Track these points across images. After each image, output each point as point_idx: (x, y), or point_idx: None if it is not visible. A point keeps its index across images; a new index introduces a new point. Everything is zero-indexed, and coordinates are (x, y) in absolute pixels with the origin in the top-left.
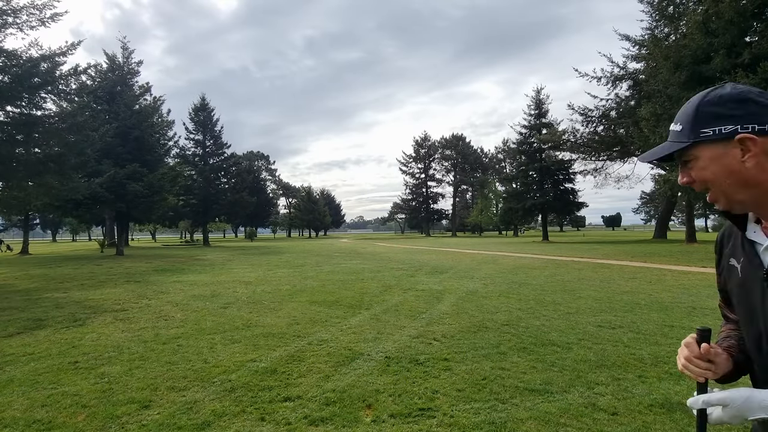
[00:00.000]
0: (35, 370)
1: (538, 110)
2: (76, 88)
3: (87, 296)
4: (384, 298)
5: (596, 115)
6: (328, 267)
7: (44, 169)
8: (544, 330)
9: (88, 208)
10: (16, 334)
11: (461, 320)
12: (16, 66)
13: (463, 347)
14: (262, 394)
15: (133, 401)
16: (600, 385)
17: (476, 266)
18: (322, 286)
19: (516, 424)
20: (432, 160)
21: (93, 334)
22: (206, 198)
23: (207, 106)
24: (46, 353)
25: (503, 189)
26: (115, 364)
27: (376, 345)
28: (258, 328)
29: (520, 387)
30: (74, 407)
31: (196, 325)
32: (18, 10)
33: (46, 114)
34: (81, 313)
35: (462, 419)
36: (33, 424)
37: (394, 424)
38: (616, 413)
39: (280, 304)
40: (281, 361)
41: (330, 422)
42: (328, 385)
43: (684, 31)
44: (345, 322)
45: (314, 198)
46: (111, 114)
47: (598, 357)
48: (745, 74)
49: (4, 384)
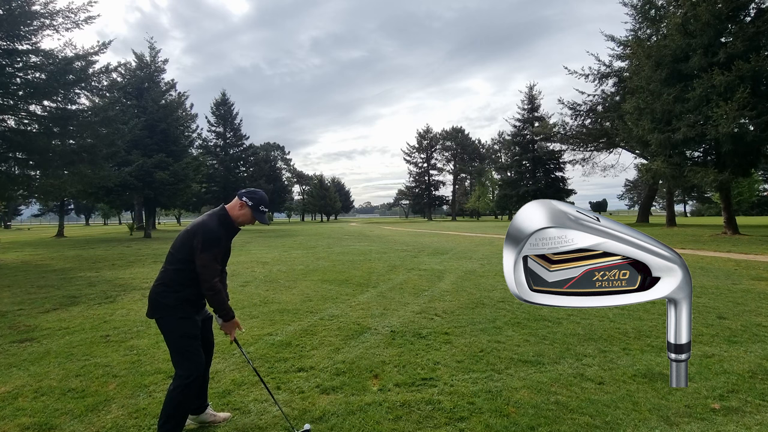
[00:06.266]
0: (70, 343)
1: (531, 105)
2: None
3: (117, 275)
4: (389, 277)
5: (584, 109)
6: (339, 248)
7: (78, 159)
8: (536, 306)
9: (118, 195)
10: (52, 309)
11: (460, 297)
12: (53, 64)
13: (462, 322)
14: (278, 365)
15: (159, 372)
16: (587, 356)
17: (474, 248)
18: (333, 265)
19: (511, 393)
20: (434, 151)
21: (123, 310)
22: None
23: (227, 101)
24: (79, 327)
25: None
26: (143, 338)
27: (383, 320)
28: (274, 304)
29: (515, 358)
30: (106, 377)
31: None
32: (55, 13)
33: (79, 108)
34: (112, 291)
35: (461, 388)
36: (68, 393)
37: (399, 393)
38: (603, 383)
39: (295, 283)
40: (295, 334)
41: (340, 391)
42: (338, 357)
43: (665, 32)
44: (354, 299)
45: (325, 185)
46: (139, 108)
47: (585, 331)
48: (720, 72)
49: (41, 356)
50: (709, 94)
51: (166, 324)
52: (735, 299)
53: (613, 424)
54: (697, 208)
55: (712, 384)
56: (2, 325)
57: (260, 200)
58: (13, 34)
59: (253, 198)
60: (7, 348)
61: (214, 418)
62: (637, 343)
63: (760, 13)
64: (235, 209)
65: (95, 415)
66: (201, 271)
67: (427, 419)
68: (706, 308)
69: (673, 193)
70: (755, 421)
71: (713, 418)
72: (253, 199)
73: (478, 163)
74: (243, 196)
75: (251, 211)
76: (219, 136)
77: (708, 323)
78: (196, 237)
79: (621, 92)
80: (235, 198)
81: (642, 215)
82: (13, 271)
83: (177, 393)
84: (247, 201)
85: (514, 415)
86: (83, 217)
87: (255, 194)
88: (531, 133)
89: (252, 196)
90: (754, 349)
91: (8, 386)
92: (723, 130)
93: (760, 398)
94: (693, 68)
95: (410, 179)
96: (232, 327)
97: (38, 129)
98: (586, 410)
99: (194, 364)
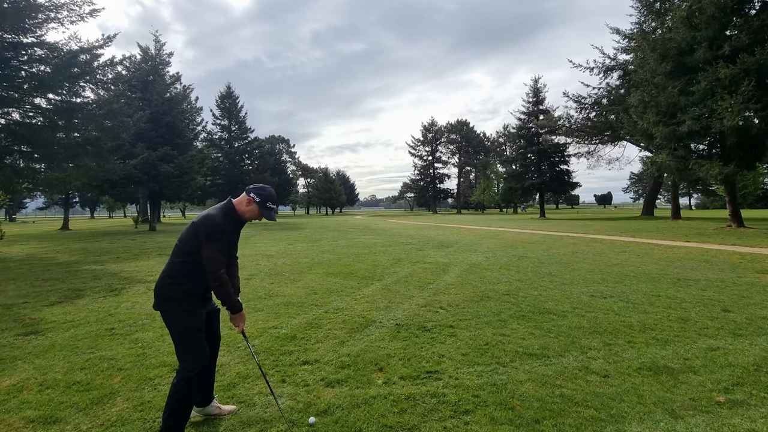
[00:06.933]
0: (75, 336)
1: (536, 98)
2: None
3: (122, 268)
4: (394, 270)
5: (589, 102)
6: (344, 241)
7: (83, 152)
8: (541, 299)
9: (123, 188)
10: (57, 303)
11: (465, 290)
12: (57, 57)
13: (467, 315)
14: (283, 358)
15: (164, 365)
16: (592, 349)
17: (479, 241)
18: (338, 258)
19: (516, 386)
20: (438, 144)
21: (128, 303)
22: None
23: (232, 94)
24: (84, 320)
25: (504, 170)
26: (147, 331)
27: (387, 313)
28: (279, 297)
29: (520, 351)
30: (111, 370)
31: None
32: (59, 6)
33: (84, 101)
34: (117, 284)
35: (466, 381)
36: (73, 386)
37: (404, 386)
38: (608, 375)
39: (299, 276)
40: (300, 327)
41: (345, 384)
42: (343, 350)
43: (670, 25)
44: (359, 292)
45: (330, 178)
46: (144, 101)
47: (590, 324)
48: (725, 65)
49: (46, 349)
50: (714, 87)
51: (170, 316)
52: (740, 292)
53: (618, 417)
54: (702, 201)
55: (717, 377)
56: (7, 318)
57: (268, 197)
58: (18, 27)
59: (261, 194)
60: (12, 341)
61: (219, 410)
62: (642, 336)
63: (765, 6)
64: (243, 204)
65: (100, 408)
66: (206, 263)
67: (432, 412)
68: (711, 301)
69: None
70: (760, 414)
71: (718, 411)
72: (261, 196)
73: (483, 156)
74: (251, 191)
75: (258, 207)
76: (224, 129)
77: (713, 316)
78: (201, 229)
79: (626, 85)
80: (243, 193)
81: (647, 208)
82: (18, 264)
83: (181, 386)
84: (254, 197)
85: (519, 408)
86: (88, 210)
87: (263, 191)
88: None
89: (260, 192)
90: (759, 341)
91: (13, 379)
92: (728, 123)
93: (765, 391)
94: (698, 61)
95: (415, 172)
96: (239, 320)
97: (43, 122)
98: (591, 403)
99: (198, 357)
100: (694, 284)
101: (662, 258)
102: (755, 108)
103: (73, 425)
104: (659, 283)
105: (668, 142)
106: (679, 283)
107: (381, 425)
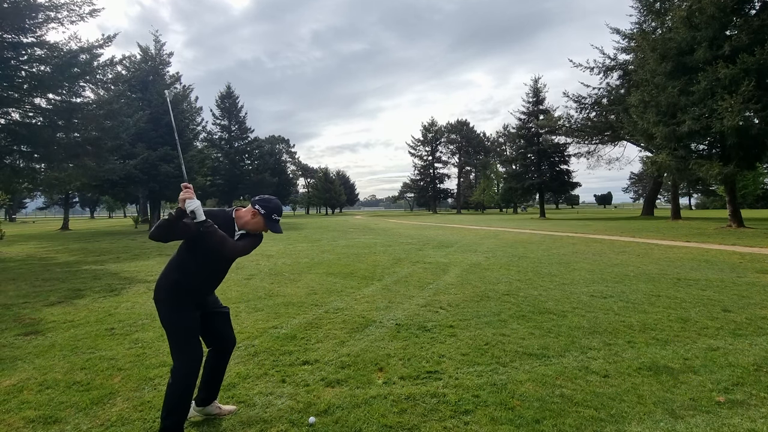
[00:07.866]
0: (75, 336)
1: (536, 98)
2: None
3: (122, 268)
4: (394, 269)
5: (589, 102)
6: (344, 241)
7: (82, 152)
8: (541, 299)
9: (123, 188)
10: (57, 303)
11: (465, 290)
12: (57, 57)
13: (467, 315)
14: (283, 358)
15: (164, 365)
16: (592, 349)
17: (479, 241)
18: (338, 258)
19: (516, 386)
20: (438, 144)
21: (128, 303)
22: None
23: (232, 94)
24: (84, 321)
25: (504, 170)
26: (147, 331)
27: (387, 313)
28: (279, 297)
29: (520, 351)
30: (110, 370)
31: (222, 294)
32: (59, 6)
33: (84, 101)
34: (117, 284)
35: (466, 381)
36: (73, 386)
37: (404, 386)
38: (608, 375)
39: (299, 276)
40: (300, 327)
41: (345, 384)
42: (343, 350)
43: (670, 25)
44: (359, 292)
45: (330, 178)
46: (144, 101)
47: (590, 324)
48: (725, 65)
49: (46, 349)
50: (714, 87)
51: (161, 312)
52: (740, 292)
53: (618, 417)
54: (702, 201)
55: (717, 377)
56: (7, 318)
57: (274, 209)
58: (18, 27)
59: (267, 207)
60: (12, 341)
61: (219, 410)
62: (642, 336)
63: (765, 6)
64: (248, 216)
65: (100, 408)
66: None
67: (432, 412)
68: (711, 301)
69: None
70: (760, 414)
71: (718, 411)
72: (267, 208)
73: (483, 156)
74: (256, 203)
75: (264, 219)
76: (224, 129)
77: (713, 316)
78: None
79: (626, 85)
80: (248, 205)
81: (647, 208)
82: (18, 264)
83: (175, 387)
84: (259, 209)
85: (519, 408)
86: (88, 210)
87: (269, 203)
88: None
89: (265, 204)
90: (759, 341)
91: (13, 379)
92: (728, 123)
93: (765, 391)
94: (698, 61)
95: (415, 172)
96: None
97: (43, 122)
98: (591, 403)
99: (190, 358)
100: (694, 284)
101: (662, 258)
102: (755, 108)
103: (73, 425)
104: (659, 283)
105: (668, 142)
106: (679, 283)
107: (381, 425)
